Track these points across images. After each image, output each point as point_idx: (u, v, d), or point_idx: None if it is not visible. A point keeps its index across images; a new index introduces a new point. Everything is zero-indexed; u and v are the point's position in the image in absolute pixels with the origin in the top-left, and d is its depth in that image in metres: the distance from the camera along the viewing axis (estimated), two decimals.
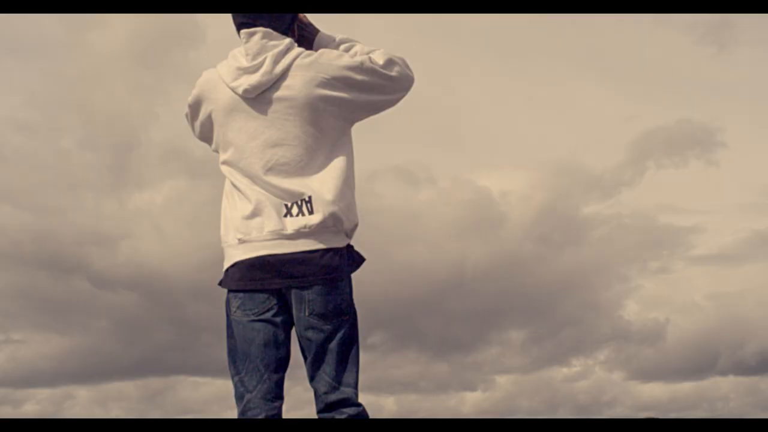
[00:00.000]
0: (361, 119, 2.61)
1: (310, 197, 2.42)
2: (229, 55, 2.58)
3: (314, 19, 2.79)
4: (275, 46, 2.50)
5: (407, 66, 2.59)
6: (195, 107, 2.64)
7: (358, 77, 2.48)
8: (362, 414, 2.50)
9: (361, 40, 2.69)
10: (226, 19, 2.63)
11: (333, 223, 2.43)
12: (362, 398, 2.53)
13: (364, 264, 2.60)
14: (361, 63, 2.49)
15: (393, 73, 2.54)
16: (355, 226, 2.54)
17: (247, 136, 2.49)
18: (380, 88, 2.54)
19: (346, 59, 2.49)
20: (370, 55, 2.54)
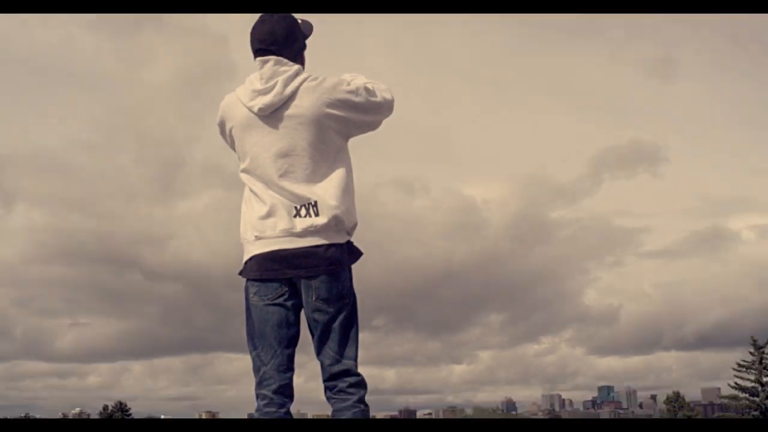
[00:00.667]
0: (355, 136, 2.95)
1: (316, 202, 2.76)
2: (246, 80, 2.92)
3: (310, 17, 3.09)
4: (285, 72, 2.84)
5: (390, 92, 2.95)
6: (221, 126, 3.00)
7: (356, 100, 2.85)
8: (362, 382, 2.84)
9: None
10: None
11: (335, 223, 2.78)
12: (368, 370, 2.80)
13: (371, 259, 2.93)
14: (357, 89, 2.86)
15: (380, 99, 2.91)
16: (355, 225, 2.89)
17: (262, 148, 2.82)
18: (372, 110, 2.91)
19: (346, 85, 2.85)
20: (366, 84, 2.90)
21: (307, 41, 3.06)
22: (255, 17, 2.98)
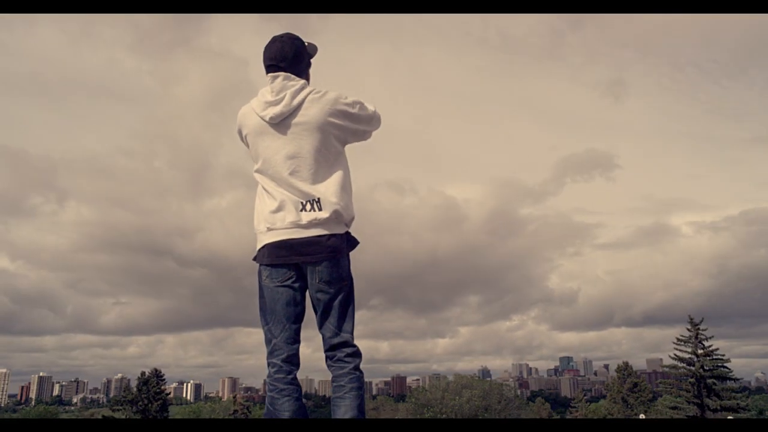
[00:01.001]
0: (351, 143, 2.95)
1: (319, 198, 2.75)
2: (259, 93, 2.92)
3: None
4: (293, 86, 2.85)
5: (376, 109, 2.96)
6: (239, 133, 2.98)
7: (353, 111, 2.86)
8: (357, 352, 2.83)
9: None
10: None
11: (336, 217, 2.77)
12: (365, 343, 2.83)
13: (368, 248, 2.98)
14: (354, 102, 2.87)
15: (371, 112, 2.93)
16: (352, 218, 2.88)
17: (273, 151, 2.81)
18: (365, 120, 2.91)
19: (344, 99, 2.85)
20: (359, 100, 2.90)
21: (313, 60, 3.05)
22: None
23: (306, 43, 3.00)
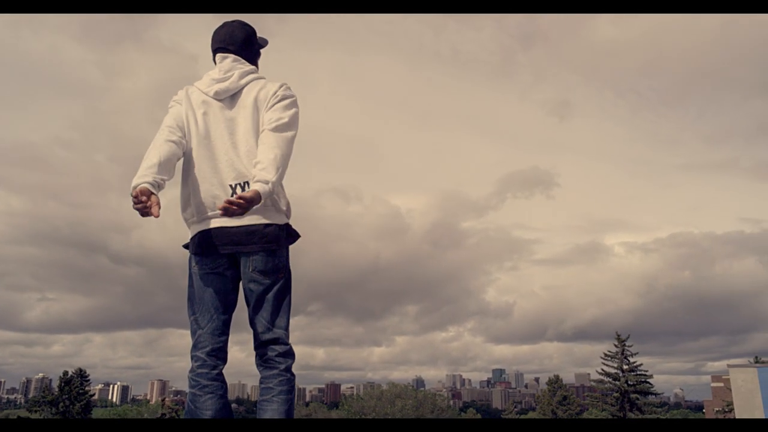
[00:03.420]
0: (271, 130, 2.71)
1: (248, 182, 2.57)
2: (204, 75, 2.80)
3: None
4: (242, 68, 2.75)
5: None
6: (173, 111, 2.75)
7: (286, 101, 2.68)
8: (290, 351, 2.64)
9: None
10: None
11: (271, 202, 2.59)
12: (301, 349, 2.67)
13: (311, 253, 2.86)
14: (285, 93, 2.70)
15: (296, 108, 2.72)
16: (288, 205, 2.71)
17: (211, 128, 2.66)
18: (294, 119, 2.69)
19: (282, 90, 2.71)
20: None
21: (266, 61, 2.98)
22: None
23: (257, 34, 2.93)
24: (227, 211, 2.33)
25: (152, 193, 2.41)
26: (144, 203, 2.38)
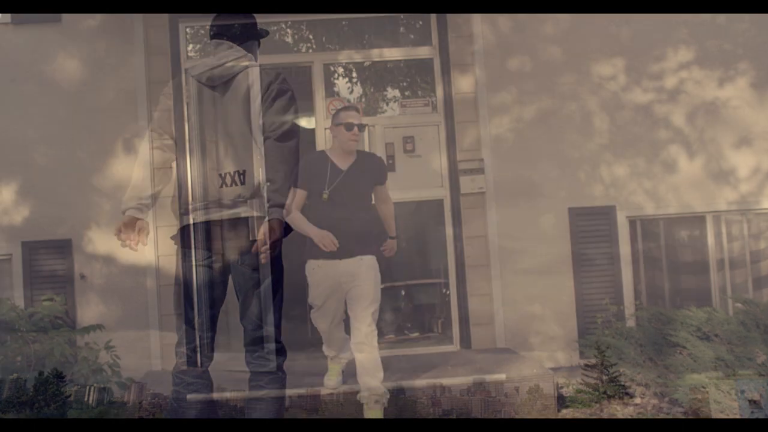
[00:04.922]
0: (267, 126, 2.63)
1: (244, 171, 2.48)
2: (198, 62, 2.69)
3: None
4: (236, 54, 2.61)
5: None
6: (166, 94, 2.70)
7: (283, 98, 2.54)
8: (281, 349, 2.53)
9: None
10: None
11: (262, 194, 2.45)
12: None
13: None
14: (281, 87, 2.56)
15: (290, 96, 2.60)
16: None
17: (202, 117, 2.55)
18: (288, 106, 2.58)
19: (275, 82, 2.56)
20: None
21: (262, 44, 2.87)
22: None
23: (257, 25, 2.83)
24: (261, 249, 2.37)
25: (138, 219, 2.49)
26: (123, 240, 2.47)
